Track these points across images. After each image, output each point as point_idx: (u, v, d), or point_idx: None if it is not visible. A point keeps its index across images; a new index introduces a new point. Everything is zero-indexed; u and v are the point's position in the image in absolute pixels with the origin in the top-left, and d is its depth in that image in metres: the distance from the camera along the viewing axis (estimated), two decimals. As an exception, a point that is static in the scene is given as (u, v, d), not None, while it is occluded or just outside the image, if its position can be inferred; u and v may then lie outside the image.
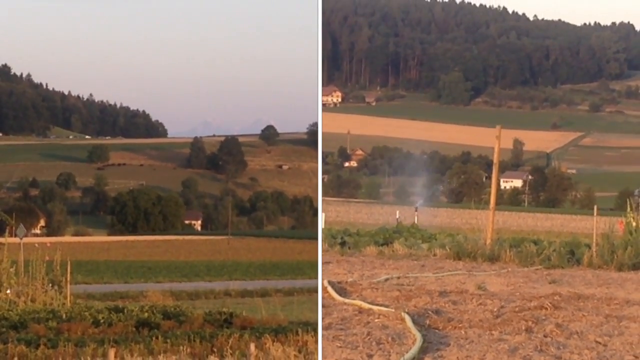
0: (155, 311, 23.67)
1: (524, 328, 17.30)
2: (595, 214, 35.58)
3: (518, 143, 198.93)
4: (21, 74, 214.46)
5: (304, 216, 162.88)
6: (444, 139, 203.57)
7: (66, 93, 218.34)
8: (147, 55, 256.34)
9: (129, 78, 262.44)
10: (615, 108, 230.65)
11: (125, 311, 23.64)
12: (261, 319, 23.47)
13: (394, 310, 18.78)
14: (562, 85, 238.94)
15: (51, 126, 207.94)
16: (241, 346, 19.60)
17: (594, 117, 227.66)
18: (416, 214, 66.28)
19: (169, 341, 19.95)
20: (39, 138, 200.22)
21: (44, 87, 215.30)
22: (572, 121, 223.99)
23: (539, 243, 35.43)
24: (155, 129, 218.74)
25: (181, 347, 19.53)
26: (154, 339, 20.08)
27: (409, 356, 14.64)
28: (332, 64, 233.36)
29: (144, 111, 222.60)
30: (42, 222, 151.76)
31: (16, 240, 32.23)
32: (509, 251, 32.66)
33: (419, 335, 15.97)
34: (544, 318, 18.48)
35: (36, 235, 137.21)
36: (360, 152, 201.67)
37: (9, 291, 27.31)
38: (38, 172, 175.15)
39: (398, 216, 64.32)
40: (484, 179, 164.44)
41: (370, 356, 14.84)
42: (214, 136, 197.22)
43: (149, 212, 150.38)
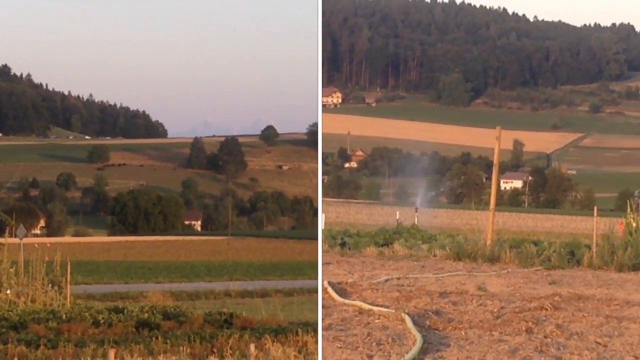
0: (155, 312, 23.67)
1: (524, 329, 17.30)
2: (595, 214, 35.56)
3: (518, 144, 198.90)
4: (21, 74, 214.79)
5: (304, 217, 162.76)
6: (444, 139, 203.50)
7: (66, 93, 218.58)
8: (147, 55, 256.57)
9: (129, 78, 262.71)
10: (615, 109, 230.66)
11: (126, 312, 23.64)
12: (261, 319, 23.46)
13: (394, 311, 18.78)
14: (562, 86, 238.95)
15: (51, 126, 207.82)
16: (241, 347, 19.60)
17: (594, 118, 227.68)
18: (416, 214, 66.32)
19: (169, 342, 19.95)
20: (39, 138, 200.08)
21: (44, 87, 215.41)
22: (572, 122, 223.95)
23: (539, 244, 35.44)
24: (155, 129, 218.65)
25: (181, 348, 19.53)
26: (154, 339, 20.07)
27: (409, 357, 14.65)
28: (332, 64, 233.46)
29: (144, 111, 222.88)
30: (42, 223, 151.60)
31: (16, 240, 32.16)
32: (509, 252, 32.66)
33: (419, 336, 15.97)
34: (544, 319, 18.48)
35: (36, 235, 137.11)
36: (360, 152, 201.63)
37: (9, 291, 27.29)
38: (38, 172, 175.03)
39: (398, 217, 64.34)
40: (484, 179, 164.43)
41: (371, 357, 14.84)
42: (214, 136, 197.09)
43: (149, 213, 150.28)
